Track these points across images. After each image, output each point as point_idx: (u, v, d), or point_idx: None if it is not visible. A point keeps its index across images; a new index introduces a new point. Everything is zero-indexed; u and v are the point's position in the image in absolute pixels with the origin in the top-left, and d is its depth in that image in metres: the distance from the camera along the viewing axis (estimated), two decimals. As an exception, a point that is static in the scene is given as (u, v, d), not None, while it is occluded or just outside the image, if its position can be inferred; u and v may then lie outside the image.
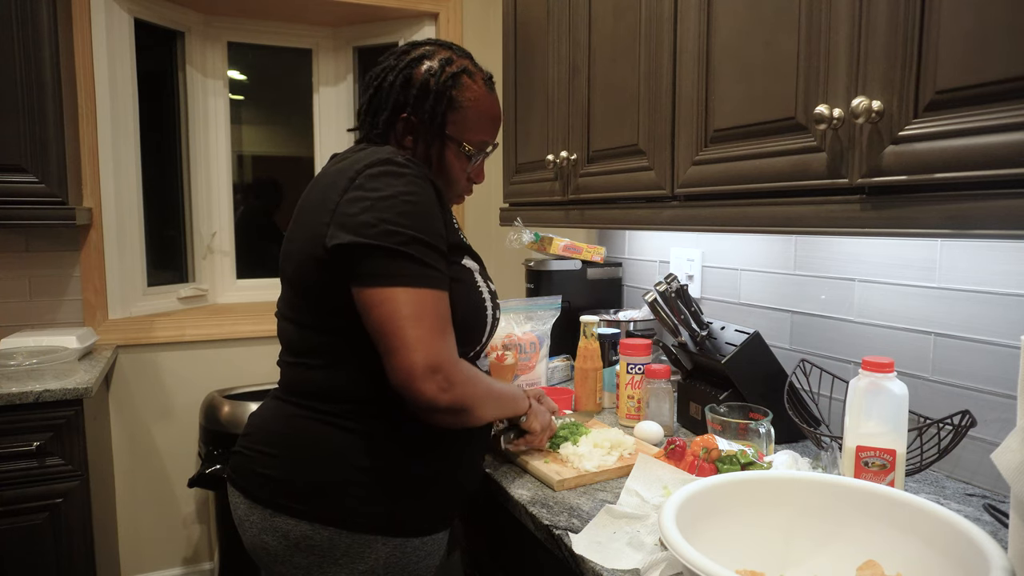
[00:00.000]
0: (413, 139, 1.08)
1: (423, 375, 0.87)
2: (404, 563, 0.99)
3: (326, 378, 0.99)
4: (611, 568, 0.87)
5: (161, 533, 2.43)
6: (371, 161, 0.94)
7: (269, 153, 2.94)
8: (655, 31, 1.25)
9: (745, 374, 1.31)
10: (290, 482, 0.97)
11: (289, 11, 2.61)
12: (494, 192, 2.77)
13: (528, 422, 1.18)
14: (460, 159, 1.10)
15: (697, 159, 1.15)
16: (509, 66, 1.91)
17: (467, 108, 1.07)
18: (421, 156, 1.08)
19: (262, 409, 1.08)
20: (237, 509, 1.03)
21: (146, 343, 2.34)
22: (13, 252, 2.17)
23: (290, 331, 1.03)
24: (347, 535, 0.95)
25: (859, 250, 1.33)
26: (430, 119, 1.06)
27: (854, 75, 0.85)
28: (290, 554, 0.97)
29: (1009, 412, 1.09)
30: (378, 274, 0.89)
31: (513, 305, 1.65)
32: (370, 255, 0.89)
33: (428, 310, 0.89)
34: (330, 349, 0.98)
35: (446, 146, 1.08)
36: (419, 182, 0.94)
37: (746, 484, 0.84)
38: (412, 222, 0.91)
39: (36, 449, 1.70)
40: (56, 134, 1.92)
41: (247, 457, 1.02)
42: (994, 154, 0.70)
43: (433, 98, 1.05)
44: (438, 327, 0.90)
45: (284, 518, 0.96)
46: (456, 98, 1.06)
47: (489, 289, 1.07)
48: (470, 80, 1.08)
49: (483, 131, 1.11)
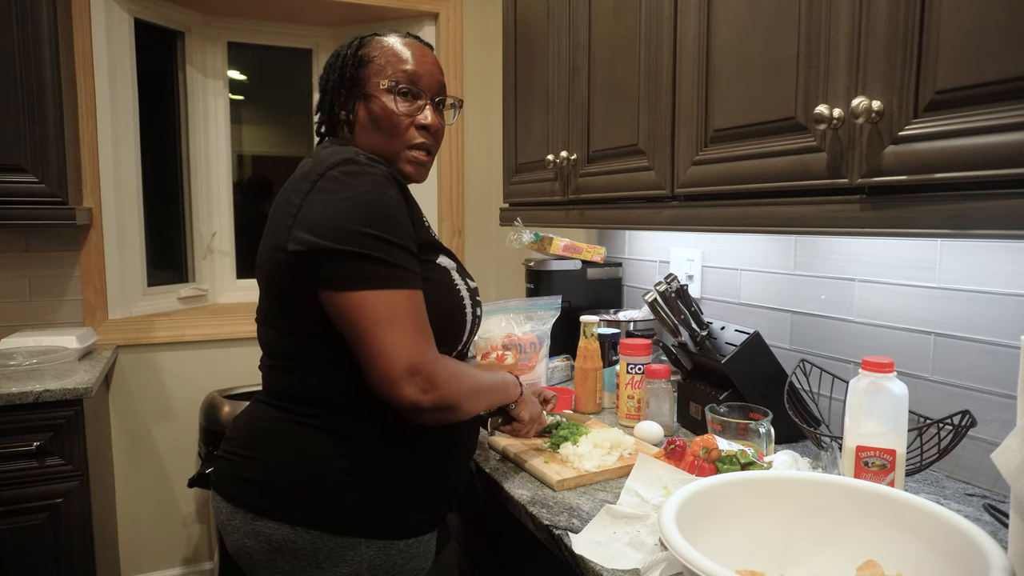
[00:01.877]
0: (346, 112, 1.07)
1: (403, 379, 0.87)
2: (389, 565, 0.98)
3: (304, 381, 0.98)
4: (611, 568, 0.87)
5: (161, 533, 2.43)
6: (333, 162, 0.93)
7: (269, 153, 2.94)
8: (655, 31, 1.25)
9: (745, 374, 1.31)
10: (271, 485, 0.96)
11: (289, 11, 2.61)
12: (494, 192, 2.78)
13: (517, 410, 1.20)
14: (390, 103, 1.05)
15: (697, 159, 1.15)
16: (509, 66, 1.91)
17: (375, 57, 1.06)
18: (361, 123, 1.06)
19: (244, 413, 1.07)
20: (220, 514, 1.02)
21: (146, 343, 2.34)
22: (13, 252, 2.17)
23: (268, 335, 1.03)
24: (329, 538, 0.94)
25: (859, 250, 1.33)
26: (349, 82, 1.06)
27: (854, 75, 0.85)
28: (273, 558, 0.96)
29: (1009, 412, 1.08)
30: (344, 278, 0.88)
31: (513, 305, 1.65)
32: (333, 258, 0.88)
33: (400, 311, 0.88)
34: (307, 352, 0.97)
35: (371, 99, 1.05)
36: (381, 180, 0.93)
37: (746, 484, 0.84)
38: (374, 222, 0.89)
39: (36, 449, 1.70)
40: (56, 134, 1.92)
41: (228, 461, 1.02)
42: (994, 154, 0.70)
43: (345, 64, 1.06)
44: (412, 327, 0.89)
45: (266, 522, 0.95)
46: (364, 55, 1.06)
47: (468, 287, 1.06)
48: (378, 39, 1.08)
49: (397, 67, 1.06)
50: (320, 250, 0.88)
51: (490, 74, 2.74)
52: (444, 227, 2.74)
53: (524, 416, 1.21)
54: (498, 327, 1.61)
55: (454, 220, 2.75)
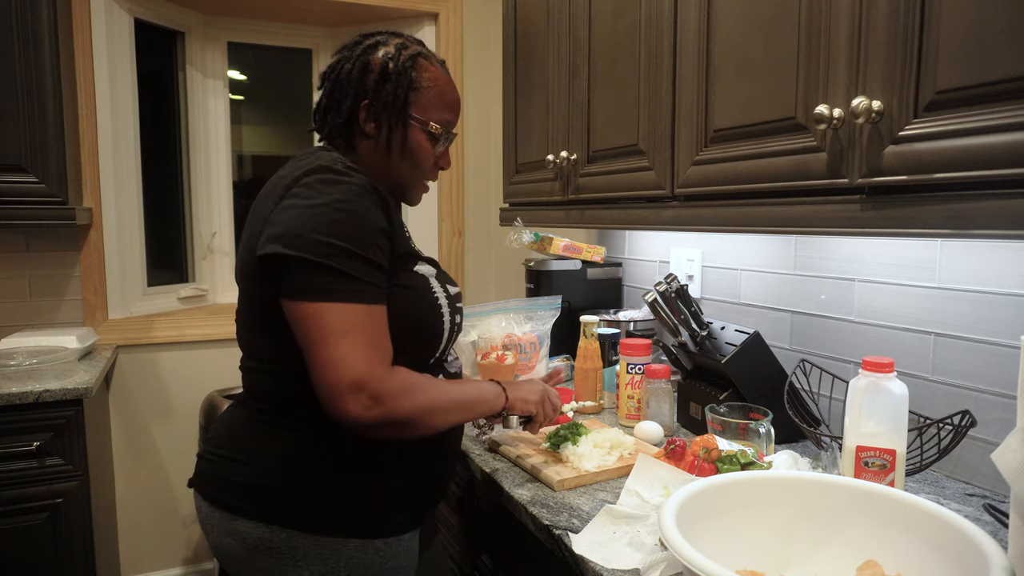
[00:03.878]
0: (376, 126, 1.05)
1: (346, 394, 0.85)
2: (367, 564, 0.98)
3: (279, 383, 0.98)
4: (611, 568, 0.87)
5: (161, 533, 2.43)
6: (309, 168, 0.92)
7: (269, 153, 2.94)
8: (655, 31, 1.25)
9: (745, 374, 1.31)
10: (247, 485, 0.97)
11: (289, 11, 2.61)
12: (494, 192, 2.78)
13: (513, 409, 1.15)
14: (427, 141, 1.07)
15: (697, 159, 1.15)
16: (509, 66, 1.91)
17: (428, 88, 1.06)
18: (385, 142, 1.05)
19: (224, 414, 1.08)
20: (200, 512, 1.03)
21: (146, 343, 2.34)
22: (13, 252, 2.17)
23: (245, 337, 1.03)
24: (305, 536, 0.94)
25: (859, 250, 1.33)
26: (392, 101, 1.03)
27: (854, 75, 0.85)
28: (251, 557, 0.96)
29: (1009, 412, 1.08)
30: (302, 288, 0.87)
31: (513, 305, 1.65)
32: (294, 267, 0.87)
33: (353, 326, 0.86)
34: (280, 356, 0.97)
35: (411, 127, 1.05)
36: (356, 189, 0.91)
37: (746, 484, 0.84)
38: (341, 232, 0.87)
39: (36, 449, 1.70)
40: (56, 134, 1.92)
41: (208, 461, 1.02)
42: (994, 154, 0.70)
43: (394, 80, 1.03)
44: (363, 343, 0.87)
45: (243, 521, 0.96)
46: (416, 79, 1.05)
47: (447, 294, 1.04)
48: (427, 62, 1.07)
49: (445, 111, 1.08)
50: (283, 257, 0.87)
51: (490, 74, 2.74)
52: (444, 227, 2.74)
53: (532, 410, 1.16)
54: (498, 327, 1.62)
55: (454, 220, 2.75)
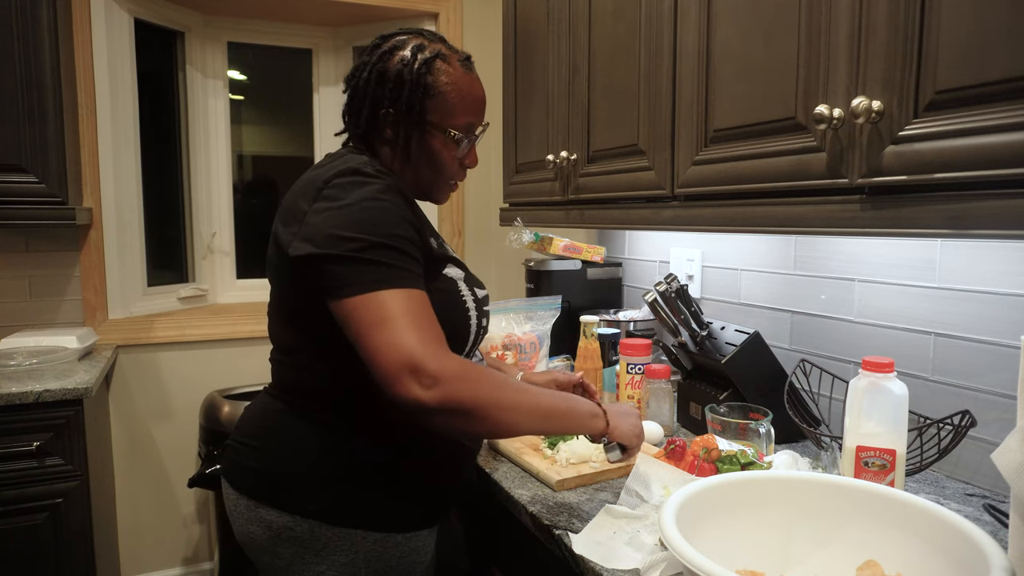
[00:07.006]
0: (394, 133, 1.04)
1: (400, 376, 0.81)
2: (387, 557, 0.99)
3: (307, 377, 1.00)
4: (611, 568, 0.87)
5: (161, 533, 2.43)
6: (340, 171, 0.93)
7: (269, 153, 2.94)
8: (655, 31, 1.25)
9: (745, 374, 1.31)
10: (272, 474, 0.99)
11: (289, 11, 2.61)
12: (494, 192, 2.77)
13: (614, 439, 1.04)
14: (447, 146, 1.06)
15: (697, 159, 1.15)
16: (509, 66, 1.91)
17: (445, 93, 1.04)
18: (404, 149, 1.05)
19: (253, 403, 1.10)
20: (227, 500, 1.05)
21: (146, 343, 2.34)
22: (13, 252, 2.17)
23: (275, 329, 1.05)
24: (327, 527, 0.96)
25: (859, 250, 1.33)
26: (408, 110, 1.02)
27: (854, 75, 0.85)
28: (274, 544, 0.99)
29: (1009, 412, 1.08)
30: (340, 284, 0.87)
31: (513, 305, 1.65)
32: (329, 265, 0.87)
33: (396, 310, 0.84)
34: (309, 349, 0.99)
35: (430, 135, 1.04)
36: (382, 188, 0.92)
37: (746, 484, 0.84)
38: (369, 227, 0.88)
39: (36, 449, 1.70)
40: (56, 134, 1.92)
41: (235, 449, 1.05)
42: (994, 154, 0.70)
43: (408, 89, 1.02)
44: (408, 324, 0.83)
45: (267, 509, 0.98)
46: (432, 84, 1.03)
47: (475, 297, 1.04)
48: (444, 64, 1.04)
49: (466, 113, 1.06)
50: (316, 257, 0.88)
51: (490, 74, 2.73)
52: (444, 227, 2.74)
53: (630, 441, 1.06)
54: (498, 327, 1.62)
55: (454, 220, 2.75)
